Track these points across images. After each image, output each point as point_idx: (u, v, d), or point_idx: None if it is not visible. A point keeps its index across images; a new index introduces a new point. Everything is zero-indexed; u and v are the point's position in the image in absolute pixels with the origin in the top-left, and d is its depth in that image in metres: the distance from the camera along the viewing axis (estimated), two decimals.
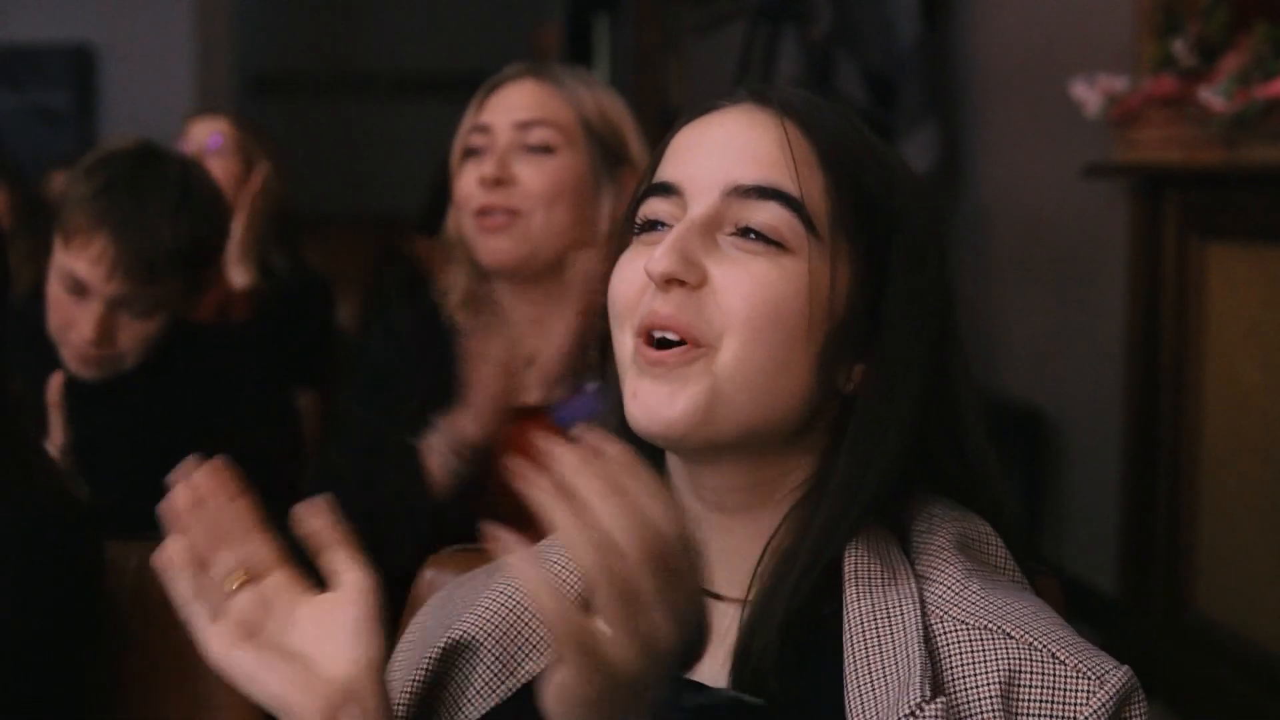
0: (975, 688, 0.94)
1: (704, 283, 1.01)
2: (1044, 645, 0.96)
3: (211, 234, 2.08)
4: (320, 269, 3.62)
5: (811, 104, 1.08)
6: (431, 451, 1.85)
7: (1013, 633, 0.96)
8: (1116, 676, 0.94)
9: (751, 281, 1.00)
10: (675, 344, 1.01)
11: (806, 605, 1.01)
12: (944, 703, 0.93)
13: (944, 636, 0.97)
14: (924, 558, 1.03)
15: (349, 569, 1.02)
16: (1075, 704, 0.93)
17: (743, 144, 1.04)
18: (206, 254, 2.07)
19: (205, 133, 3.20)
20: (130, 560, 1.50)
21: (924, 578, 1.01)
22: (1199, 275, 3.57)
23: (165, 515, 1.02)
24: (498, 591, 1.12)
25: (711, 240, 1.02)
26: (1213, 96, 3.26)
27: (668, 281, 1.01)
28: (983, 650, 0.96)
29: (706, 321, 1.00)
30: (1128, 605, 3.82)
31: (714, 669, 1.04)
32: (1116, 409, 3.92)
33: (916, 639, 0.96)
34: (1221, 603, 3.49)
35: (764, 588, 1.03)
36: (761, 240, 1.01)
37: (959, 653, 0.96)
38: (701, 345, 1.00)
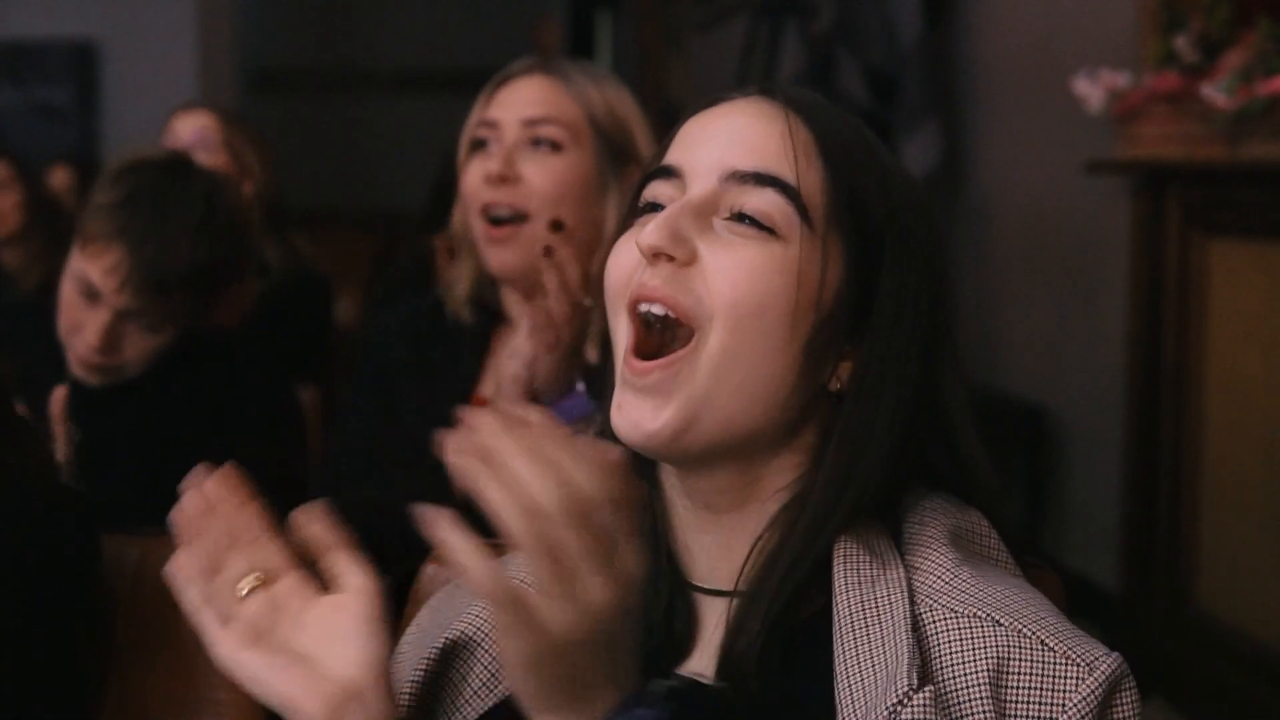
0: (964, 675, 0.94)
1: (693, 261, 1.01)
2: (1033, 632, 0.96)
3: (230, 256, 2.06)
4: (320, 265, 3.61)
5: (817, 102, 1.09)
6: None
7: (1002, 620, 0.96)
8: (1106, 663, 0.94)
9: (740, 266, 1.01)
10: (657, 354, 1.02)
11: (795, 600, 1.01)
12: (932, 691, 0.93)
13: (933, 625, 0.98)
14: (914, 549, 1.03)
15: (352, 572, 1.03)
16: (1065, 690, 0.93)
17: (745, 133, 1.05)
18: (223, 275, 2.05)
19: (189, 128, 3.16)
20: (130, 556, 1.50)
21: (913, 568, 1.01)
22: (1201, 272, 3.57)
23: (176, 522, 1.03)
24: None
25: (706, 222, 1.03)
26: (1215, 93, 3.26)
27: (656, 255, 1.01)
28: (972, 638, 0.96)
29: (696, 299, 1.01)
30: (1129, 601, 3.82)
31: (702, 664, 1.04)
32: (1118, 405, 3.92)
33: (905, 628, 0.97)
34: (1223, 598, 3.49)
35: (751, 583, 1.03)
36: (754, 225, 1.02)
37: (948, 641, 0.96)
38: (686, 325, 1.01)
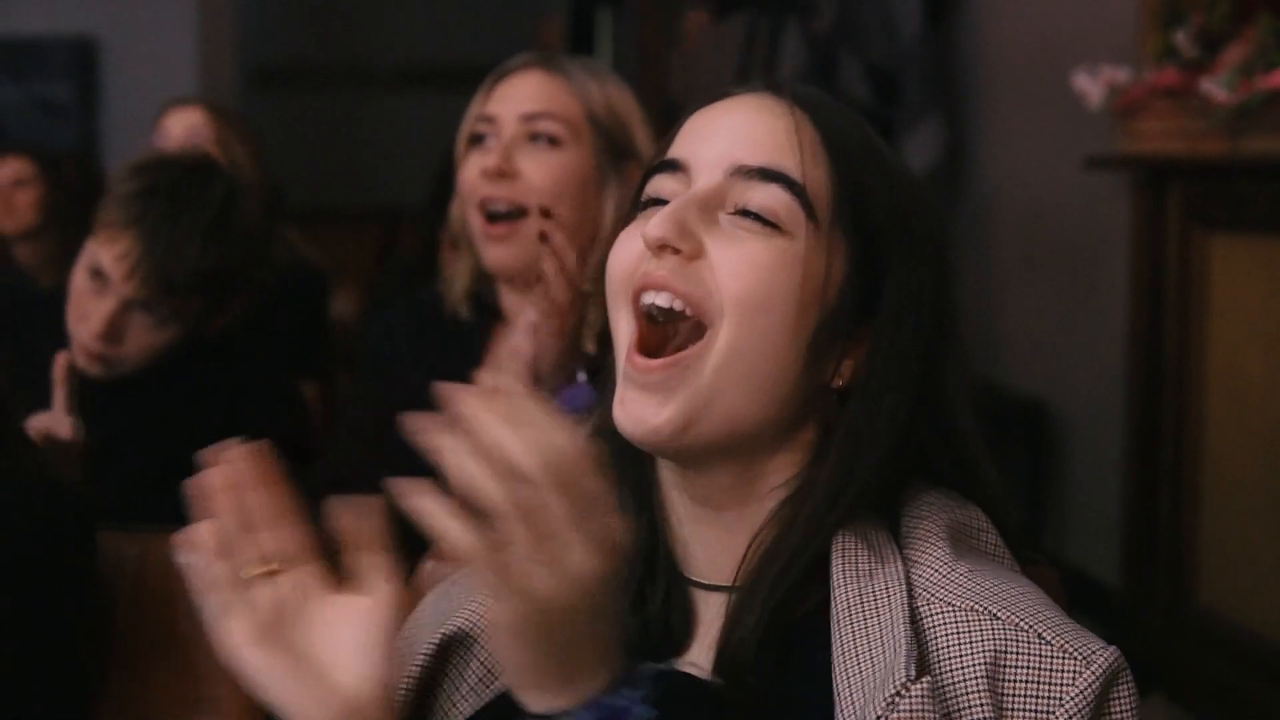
0: (961, 668, 0.94)
1: (699, 255, 1.01)
2: (1030, 626, 0.96)
3: (240, 264, 2.05)
4: (320, 261, 3.61)
5: (823, 99, 1.09)
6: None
7: (999, 614, 0.97)
8: (1103, 657, 0.94)
9: (746, 260, 1.01)
10: (660, 350, 1.01)
11: (793, 595, 1.01)
12: (929, 682, 0.93)
13: (930, 618, 0.98)
14: (913, 543, 1.03)
15: (380, 575, 0.99)
16: (1061, 684, 0.93)
17: (752, 128, 1.05)
18: (231, 282, 2.05)
19: (180, 126, 3.14)
20: (130, 552, 1.50)
21: (911, 561, 1.02)
22: (1201, 266, 3.57)
23: (195, 496, 0.98)
24: None
25: (711, 217, 1.03)
26: (1215, 88, 3.26)
27: (661, 248, 1.01)
28: (969, 631, 0.96)
29: (706, 292, 1.01)
30: (1130, 597, 3.82)
31: (699, 659, 1.04)
32: (1119, 400, 3.92)
33: (903, 620, 0.97)
34: (1224, 595, 3.49)
35: (750, 577, 1.03)
36: (760, 221, 1.02)
37: (945, 634, 0.96)
38: (693, 318, 1.01)
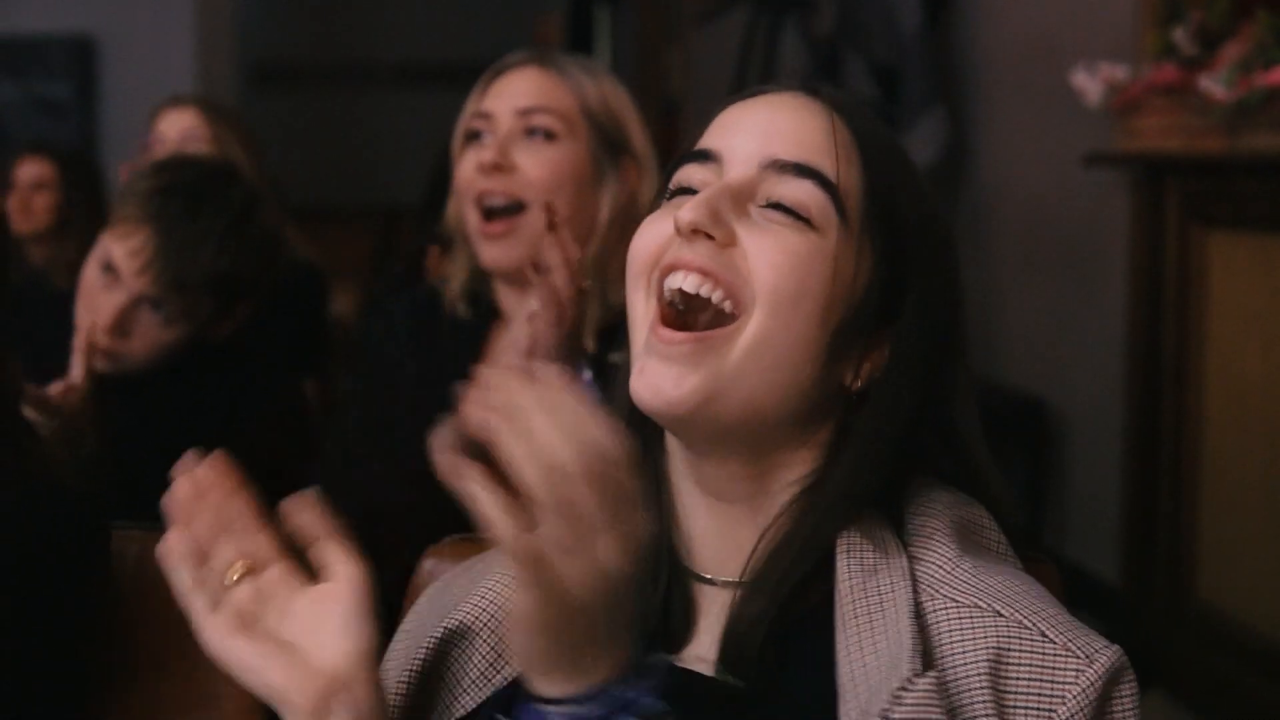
0: (964, 665, 0.95)
1: (731, 243, 1.02)
2: (1034, 624, 0.96)
3: (253, 271, 2.06)
4: (319, 259, 3.61)
5: (858, 105, 1.10)
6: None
7: (1003, 611, 0.97)
8: (1106, 655, 0.95)
9: (780, 250, 1.01)
10: (688, 326, 1.01)
11: (798, 590, 1.01)
12: (935, 677, 0.93)
13: (934, 614, 0.98)
14: (918, 539, 1.04)
15: (340, 561, 1.02)
16: (1064, 682, 0.94)
17: (788, 125, 1.06)
18: (242, 286, 2.06)
19: (176, 128, 3.13)
20: (130, 549, 1.50)
21: (916, 558, 1.02)
22: (1200, 264, 3.57)
23: (167, 507, 1.02)
24: (495, 580, 1.12)
25: (743, 208, 1.03)
26: (1214, 85, 3.26)
27: (695, 232, 1.01)
28: (972, 628, 0.96)
29: (740, 279, 1.01)
30: (1130, 594, 3.83)
31: (701, 653, 1.04)
32: (1118, 397, 3.92)
33: (908, 615, 0.97)
34: (1223, 591, 3.49)
35: (758, 573, 1.03)
36: (791, 215, 1.02)
37: (949, 630, 0.97)
38: (723, 303, 1.01)
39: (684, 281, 1.01)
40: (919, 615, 0.98)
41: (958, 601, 0.98)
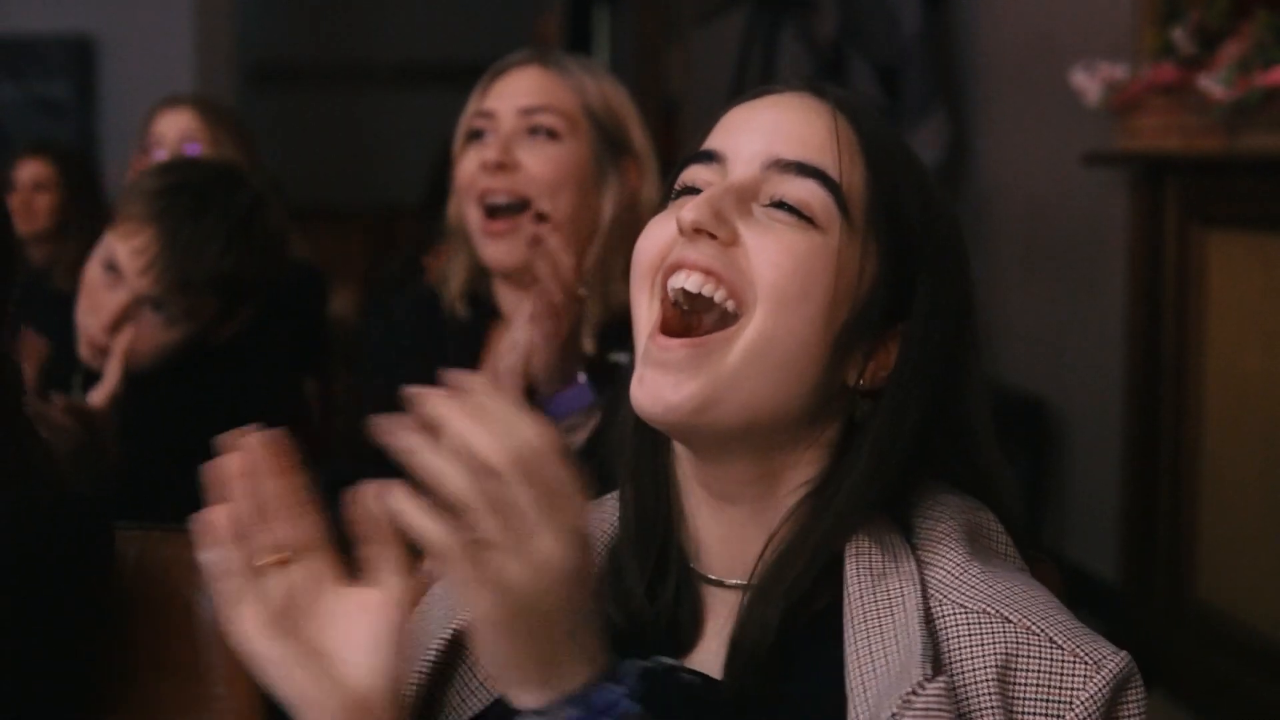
0: (972, 670, 0.95)
1: (734, 242, 1.01)
2: (1042, 630, 0.96)
3: (256, 274, 2.06)
4: (318, 259, 3.61)
5: (863, 105, 1.09)
6: None
7: (1011, 617, 0.97)
8: (1114, 662, 0.95)
9: (783, 249, 1.01)
10: (690, 331, 1.01)
11: (806, 596, 1.01)
12: (945, 682, 0.93)
13: (943, 619, 0.98)
14: (926, 544, 1.03)
15: (391, 571, 0.97)
16: (1071, 689, 0.94)
17: (791, 125, 1.06)
18: (245, 289, 2.06)
19: (174, 130, 3.12)
20: (130, 550, 1.50)
21: (925, 563, 1.02)
22: (1199, 263, 3.57)
23: (212, 480, 0.97)
24: None
25: (746, 208, 1.03)
26: (1213, 84, 3.26)
27: (697, 232, 1.01)
28: (980, 634, 0.96)
29: (745, 280, 1.01)
30: (1129, 593, 3.83)
31: (709, 656, 1.04)
32: (1117, 396, 3.92)
33: (918, 620, 0.97)
34: (1223, 590, 3.49)
35: (766, 576, 1.03)
36: (793, 214, 1.02)
37: (957, 635, 0.97)
38: (724, 304, 1.00)
39: (687, 281, 1.01)
40: (929, 621, 0.98)
41: (966, 607, 0.98)
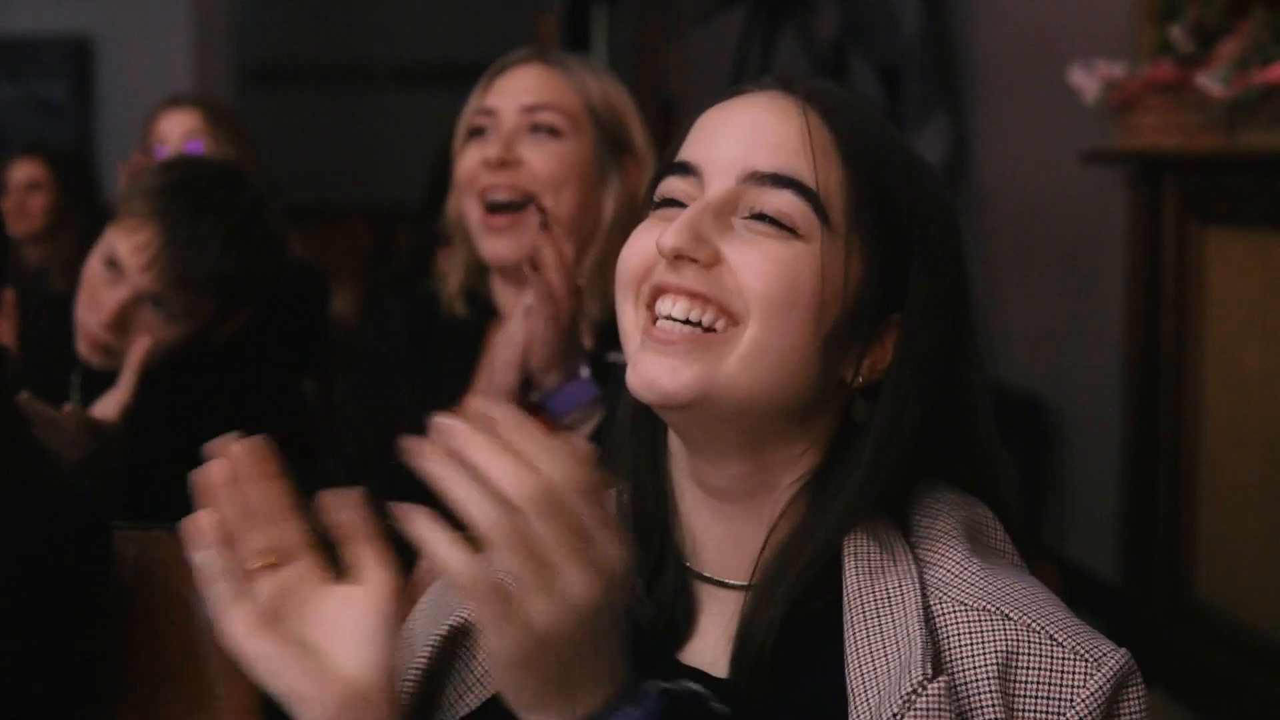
0: (973, 668, 0.95)
1: (717, 261, 1.01)
2: (1042, 627, 0.96)
3: (256, 273, 2.06)
4: (319, 259, 3.61)
5: (837, 96, 1.08)
6: None
7: (1011, 614, 0.97)
8: (1114, 659, 0.95)
9: (766, 260, 1.01)
10: (687, 321, 1.01)
11: (805, 595, 1.01)
12: (946, 681, 0.93)
13: (943, 617, 0.98)
14: (925, 542, 1.03)
15: (374, 566, 0.99)
16: (1072, 686, 0.94)
17: (763, 130, 1.05)
18: (245, 290, 2.06)
19: (177, 130, 3.12)
20: (130, 550, 1.50)
21: (924, 561, 1.02)
22: (1198, 261, 3.57)
23: (198, 487, 0.98)
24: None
25: (725, 222, 1.02)
26: (1211, 82, 3.26)
27: (678, 258, 1.01)
28: (981, 631, 0.96)
29: (730, 294, 1.00)
30: (1128, 591, 3.83)
31: (714, 656, 1.04)
32: (1116, 395, 3.92)
33: (917, 619, 0.97)
34: (1222, 588, 3.49)
35: (768, 575, 1.03)
36: (774, 224, 1.02)
37: (958, 633, 0.97)
38: (725, 315, 1.00)
39: (674, 309, 1.01)
40: (928, 619, 0.98)
41: (967, 605, 0.98)
